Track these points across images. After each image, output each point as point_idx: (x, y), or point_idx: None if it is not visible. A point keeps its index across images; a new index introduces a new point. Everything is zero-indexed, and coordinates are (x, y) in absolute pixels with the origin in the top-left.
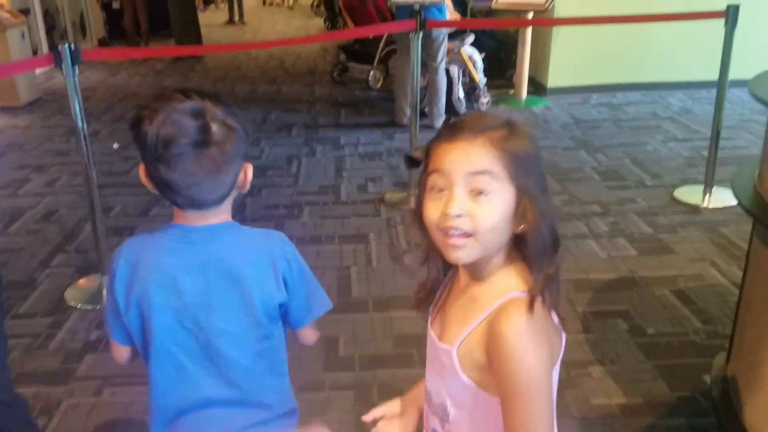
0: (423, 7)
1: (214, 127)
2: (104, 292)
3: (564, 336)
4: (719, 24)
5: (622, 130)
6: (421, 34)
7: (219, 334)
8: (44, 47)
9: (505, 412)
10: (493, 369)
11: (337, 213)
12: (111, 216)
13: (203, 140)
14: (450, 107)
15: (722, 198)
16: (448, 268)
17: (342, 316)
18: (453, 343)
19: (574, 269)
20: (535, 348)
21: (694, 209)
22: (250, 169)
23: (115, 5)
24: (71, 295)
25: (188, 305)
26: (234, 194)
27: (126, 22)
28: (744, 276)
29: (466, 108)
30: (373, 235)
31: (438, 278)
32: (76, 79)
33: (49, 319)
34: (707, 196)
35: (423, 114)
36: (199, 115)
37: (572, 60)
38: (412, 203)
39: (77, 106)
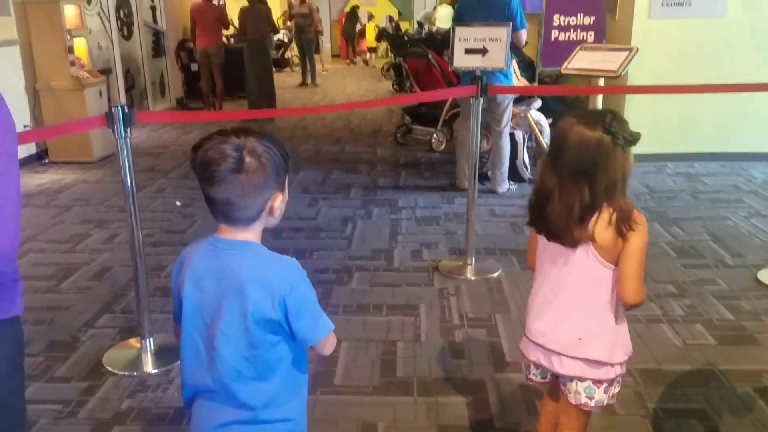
0: (485, 72)
1: (248, 160)
2: (142, 357)
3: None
4: None
5: (701, 202)
6: (482, 100)
7: (218, 333)
8: None
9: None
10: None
11: (388, 280)
12: (162, 275)
13: (236, 168)
14: (514, 172)
15: None
16: None
17: (383, 398)
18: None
19: (644, 358)
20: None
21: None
22: (279, 199)
23: (194, 67)
24: (109, 360)
25: (205, 302)
26: (264, 219)
27: (202, 83)
28: None
29: (532, 173)
30: (424, 306)
31: None
32: (128, 140)
33: (83, 384)
34: None
35: (486, 178)
36: (238, 148)
37: (647, 126)
38: (469, 273)
39: (126, 166)
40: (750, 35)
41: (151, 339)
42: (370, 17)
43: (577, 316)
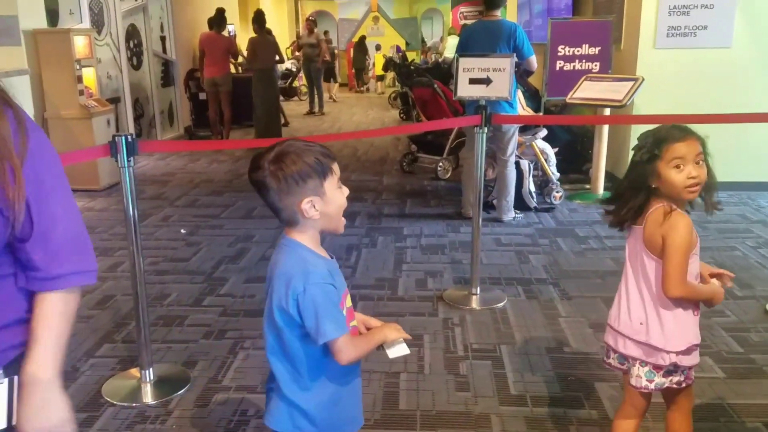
0: (489, 102)
1: (271, 168)
2: (142, 388)
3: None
4: None
5: (708, 232)
6: (486, 129)
7: (266, 310)
8: None
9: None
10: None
11: (392, 309)
12: (164, 304)
13: (259, 182)
14: (520, 201)
15: None
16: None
17: None
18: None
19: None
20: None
21: None
22: (306, 203)
23: (202, 96)
24: (108, 390)
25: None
26: (305, 221)
27: (210, 112)
28: None
29: (537, 203)
30: (428, 337)
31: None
32: (131, 169)
33: (82, 416)
34: None
35: (492, 207)
36: (265, 159)
37: None
38: (474, 303)
39: (129, 195)
40: (757, 65)
41: (151, 369)
42: (378, 48)
43: (640, 303)
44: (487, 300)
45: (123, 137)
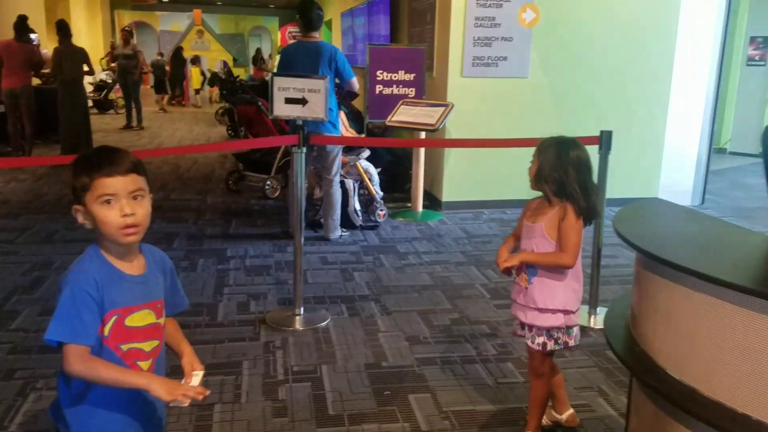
0: (313, 122)
1: None
2: None
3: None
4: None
5: None
6: (304, 149)
7: None
8: None
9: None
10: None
11: (209, 337)
12: None
13: None
14: (346, 219)
15: None
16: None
17: None
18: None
19: (459, 399)
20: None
21: (581, 330)
22: (74, 210)
23: (0, 109)
24: None
25: None
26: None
27: (10, 126)
28: (627, 420)
29: (363, 221)
30: (247, 363)
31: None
32: None
33: None
34: (592, 317)
35: (320, 225)
36: None
37: (465, 176)
38: (297, 324)
39: None
40: (551, 93)
41: None
42: (195, 61)
43: None
44: (310, 320)
45: None
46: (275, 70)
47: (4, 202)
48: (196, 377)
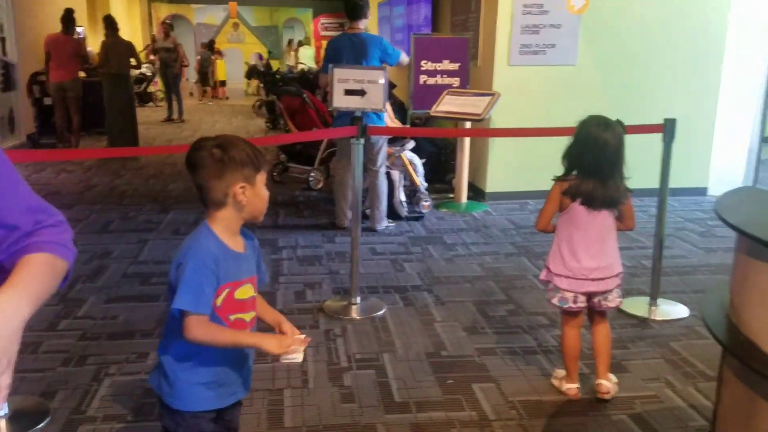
0: (363, 113)
1: (208, 155)
2: None
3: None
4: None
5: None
6: (362, 141)
7: None
8: None
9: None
10: None
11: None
12: None
13: (197, 162)
14: (392, 210)
15: (669, 310)
16: None
17: None
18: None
19: (524, 389)
20: None
21: (642, 322)
22: (239, 187)
23: (47, 101)
24: None
25: None
26: (230, 206)
27: (56, 118)
28: (716, 409)
29: (408, 211)
30: (311, 350)
31: None
32: None
33: None
34: (653, 308)
35: (365, 216)
36: (206, 146)
37: (510, 166)
38: (354, 313)
39: None
40: (599, 81)
41: (5, 403)
42: (219, 53)
43: None
44: (366, 309)
45: None
46: (303, 61)
47: (55, 192)
48: (300, 337)
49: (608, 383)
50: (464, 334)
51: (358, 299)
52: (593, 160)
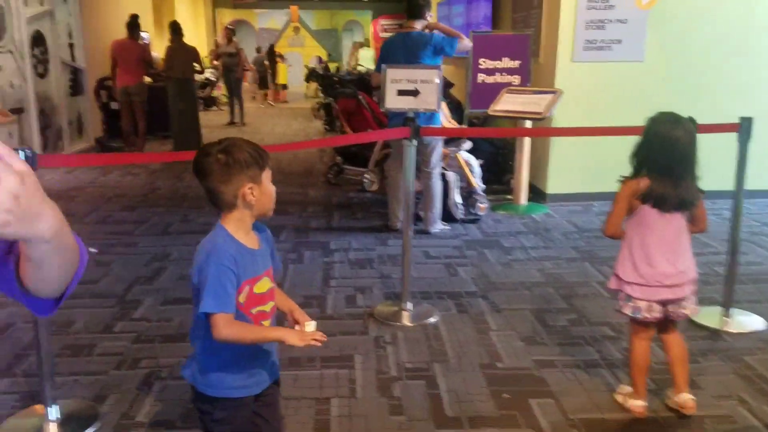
0: (417, 113)
1: (215, 160)
2: (45, 427)
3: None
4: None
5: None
6: (415, 142)
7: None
8: (37, 147)
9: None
10: None
11: (322, 329)
12: (70, 332)
13: (205, 168)
14: (446, 212)
15: (744, 321)
16: None
17: None
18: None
19: (585, 406)
20: None
21: (714, 334)
22: (247, 188)
23: (114, 105)
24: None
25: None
26: (240, 207)
27: (123, 123)
28: None
29: (464, 213)
30: (360, 357)
31: None
32: None
33: None
34: (726, 319)
35: (419, 219)
36: (211, 151)
37: (573, 166)
38: (405, 319)
39: None
40: (667, 78)
41: (56, 406)
42: (281, 57)
43: None
44: (418, 315)
45: (21, 151)
46: (361, 63)
47: (121, 195)
48: (310, 325)
49: (692, 397)
50: (521, 344)
51: (410, 305)
52: (664, 160)
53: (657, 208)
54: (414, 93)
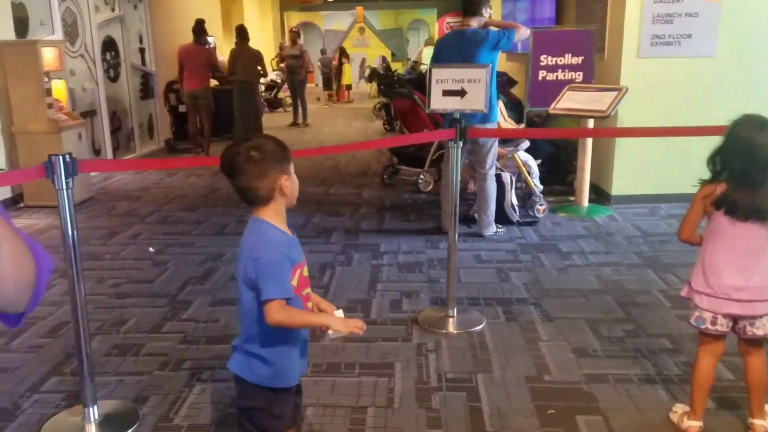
0: (464, 114)
1: (246, 158)
2: (85, 428)
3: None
4: None
5: (697, 247)
6: (460, 143)
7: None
8: (108, 148)
9: None
10: None
11: (364, 334)
12: (121, 332)
13: (238, 166)
14: (502, 214)
15: None
16: None
17: None
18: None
19: (636, 425)
20: None
21: None
22: (284, 179)
23: (182, 109)
24: (49, 431)
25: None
26: (276, 199)
27: (190, 125)
28: None
29: (520, 216)
30: (400, 365)
31: None
32: (70, 191)
33: None
34: None
35: (474, 220)
36: (241, 150)
37: (639, 166)
38: (450, 327)
39: (68, 219)
40: (740, 74)
41: (96, 407)
42: (346, 57)
43: None
44: (464, 323)
45: (60, 157)
46: (424, 62)
47: (182, 196)
48: (338, 313)
49: (765, 423)
50: (572, 356)
51: (455, 311)
52: (742, 165)
53: (729, 215)
54: (461, 93)
